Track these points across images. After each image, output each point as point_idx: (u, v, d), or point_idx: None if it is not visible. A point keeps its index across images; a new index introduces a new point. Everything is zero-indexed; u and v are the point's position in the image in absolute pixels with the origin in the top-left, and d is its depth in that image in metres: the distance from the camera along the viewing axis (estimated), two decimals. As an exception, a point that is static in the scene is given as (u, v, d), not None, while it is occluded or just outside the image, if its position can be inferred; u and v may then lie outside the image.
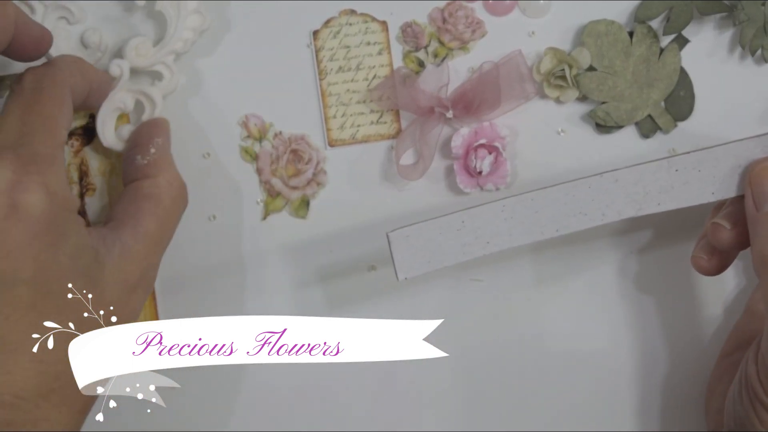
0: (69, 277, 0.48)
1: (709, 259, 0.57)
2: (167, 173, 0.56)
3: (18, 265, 0.47)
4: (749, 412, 0.53)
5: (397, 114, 0.62)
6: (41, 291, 0.47)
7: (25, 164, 0.48)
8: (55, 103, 0.52)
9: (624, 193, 0.54)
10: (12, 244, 0.46)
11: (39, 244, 0.47)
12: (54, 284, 0.48)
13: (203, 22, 0.60)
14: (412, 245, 0.54)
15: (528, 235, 0.54)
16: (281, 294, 0.63)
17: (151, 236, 0.54)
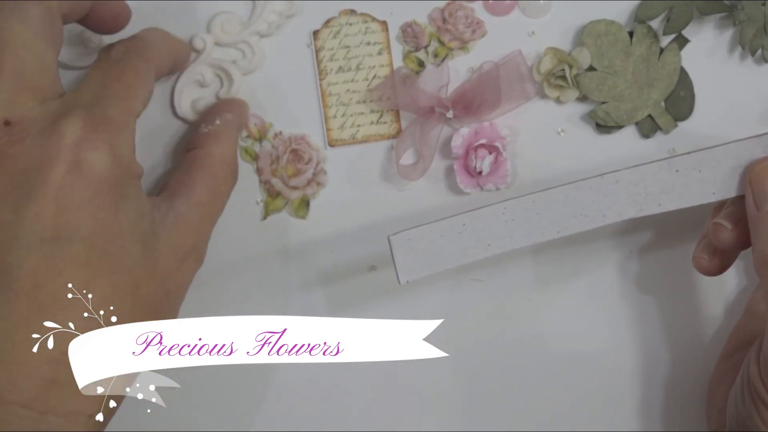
0: (125, 240, 0.48)
1: (711, 259, 0.57)
2: (223, 147, 0.57)
3: (76, 222, 0.47)
4: (751, 413, 0.53)
5: (397, 114, 0.62)
6: (97, 250, 0.47)
7: (96, 124, 0.48)
8: (138, 76, 0.52)
9: (625, 194, 0.54)
10: (72, 200, 0.47)
11: (99, 203, 0.47)
12: (110, 245, 0.48)
13: (290, 7, 0.61)
14: (413, 248, 0.54)
15: (529, 237, 0.54)
16: (281, 294, 0.63)
17: (204, 206, 0.54)
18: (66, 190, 0.46)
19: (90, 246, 0.47)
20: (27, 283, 0.46)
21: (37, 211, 0.46)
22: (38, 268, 0.46)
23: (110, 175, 0.48)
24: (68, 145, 0.47)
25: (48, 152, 0.47)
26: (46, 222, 0.46)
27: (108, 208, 0.48)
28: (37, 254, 0.46)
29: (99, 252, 0.47)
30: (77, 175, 0.47)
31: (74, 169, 0.47)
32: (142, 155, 0.60)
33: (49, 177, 0.46)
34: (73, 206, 0.47)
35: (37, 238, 0.46)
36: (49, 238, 0.46)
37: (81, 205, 0.47)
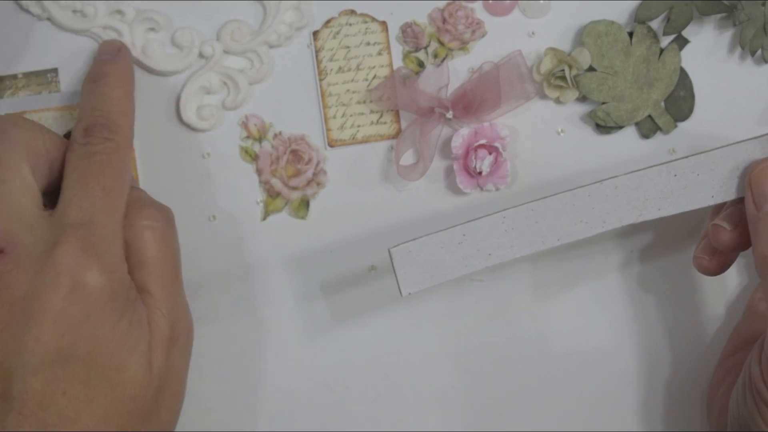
0: (123, 354, 0.49)
1: (710, 259, 0.57)
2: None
3: (75, 342, 0.48)
4: (753, 413, 0.53)
5: (397, 114, 0.62)
6: (96, 367, 0.48)
7: (86, 246, 0.49)
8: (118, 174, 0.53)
9: (624, 200, 0.54)
10: (70, 322, 0.48)
11: (96, 321, 0.49)
12: (108, 361, 0.49)
13: (300, 19, 0.61)
14: (414, 260, 0.54)
15: (529, 245, 0.54)
16: (281, 294, 0.63)
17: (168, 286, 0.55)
18: (64, 313, 0.48)
19: (89, 364, 0.48)
20: (33, 406, 0.47)
21: (37, 336, 0.47)
22: (43, 390, 0.47)
23: (105, 293, 0.49)
24: (63, 270, 0.48)
25: (44, 279, 0.48)
26: (47, 345, 0.47)
27: (104, 325, 0.49)
28: (40, 377, 0.47)
29: (98, 369, 0.49)
30: (74, 298, 0.48)
31: (70, 293, 0.48)
32: (146, 161, 0.61)
33: (47, 302, 0.48)
34: (71, 328, 0.48)
35: (40, 361, 0.47)
36: (50, 361, 0.47)
37: (79, 326, 0.48)
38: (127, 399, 0.49)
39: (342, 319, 0.63)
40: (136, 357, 0.50)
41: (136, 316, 0.51)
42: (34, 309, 0.47)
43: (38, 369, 0.47)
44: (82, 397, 0.48)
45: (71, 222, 0.50)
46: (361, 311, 0.63)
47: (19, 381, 0.47)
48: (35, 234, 0.50)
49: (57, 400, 0.47)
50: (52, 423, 0.47)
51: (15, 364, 0.47)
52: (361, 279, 0.63)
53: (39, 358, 0.47)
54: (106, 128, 0.54)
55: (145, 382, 0.50)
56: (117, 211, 0.52)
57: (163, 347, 0.52)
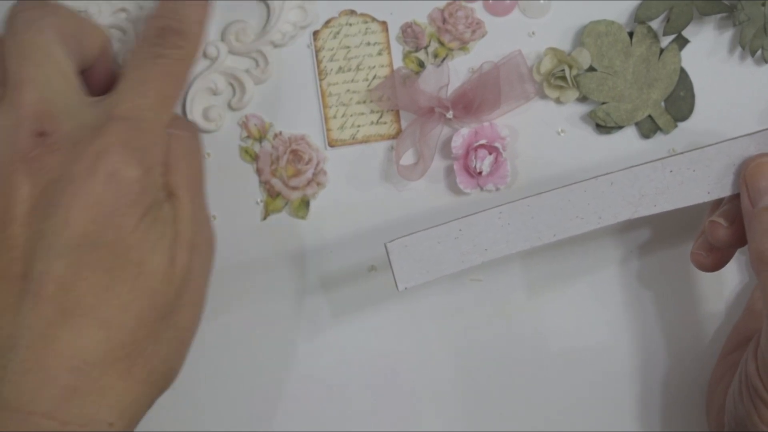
0: (147, 248, 0.49)
1: (708, 255, 0.57)
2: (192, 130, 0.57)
3: (102, 229, 0.48)
4: (750, 410, 0.53)
5: (397, 114, 0.62)
6: (120, 257, 0.48)
7: (129, 138, 0.49)
8: (175, 83, 0.53)
9: (620, 196, 0.54)
10: (101, 209, 0.48)
11: (125, 213, 0.48)
12: (132, 253, 0.49)
13: (305, 18, 0.62)
14: (410, 255, 0.54)
15: (526, 241, 0.54)
16: (281, 294, 0.63)
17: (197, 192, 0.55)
18: (96, 199, 0.48)
19: (113, 253, 0.48)
20: (53, 288, 0.47)
21: (66, 218, 0.47)
22: (64, 274, 0.47)
23: (137, 187, 0.49)
24: (102, 158, 0.48)
25: (81, 164, 0.48)
26: (74, 229, 0.47)
27: (132, 218, 0.49)
28: (64, 260, 0.47)
29: (121, 259, 0.48)
30: (107, 187, 0.48)
31: (105, 181, 0.48)
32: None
33: (81, 187, 0.48)
34: (100, 215, 0.48)
35: (65, 244, 0.47)
36: (75, 245, 0.47)
37: (108, 215, 0.48)
38: (148, 292, 0.49)
39: (342, 319, 0.63)
40: (159, 252, 0.50)
41: (162, 214, 0.51)
42: (67, 192, 0.47)
43: (63, 252, 0.47)
44: (102, 285, 0.48)
45: (120, 115, 0.50)
46: (360, 311, 0.63)
47: (42, 261, 0.47)
48: (77, 118, 0.50)
49: (77, 285, 0.47)
50: (69, 308, 0.47)
51: (40, 244, 0.47)
52: (360, 279, 0.63)
53: (65, 241, 0.47)
54: (180, 34, 0.53)
55: (166, 277, 0.50)
56: (165, 116, 0.52)
57: (186, 248, 0.52)
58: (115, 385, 0.48)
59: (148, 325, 0.49)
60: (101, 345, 0.48)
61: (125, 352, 0.49)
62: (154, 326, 0.50)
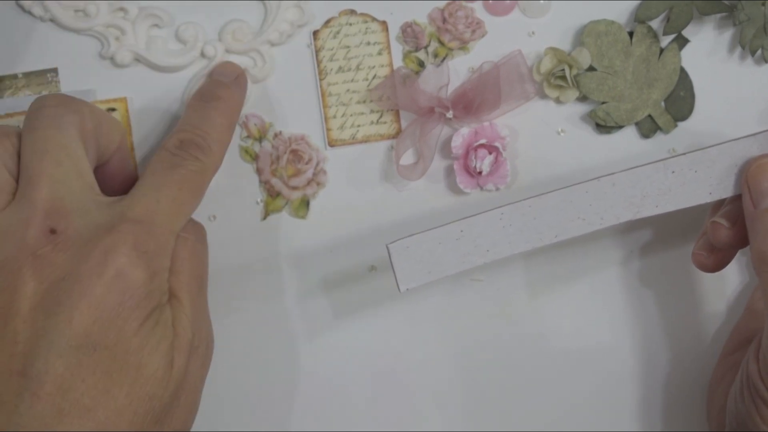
0: (146, 353, 0.49)
1: (709, 256, 0.57)
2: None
3: (104, 331, 0.48)
4: (751, 411, 0.53)
5: (397, 114, 0.62)
6: (119, 360, 0.48)
7: (140, 243, 0.49)
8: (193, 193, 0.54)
9: (622, 197, 0.54)
10: (104, 311, 0.48)
11: (128, 316, 0.48)
12: (132, 357, 0.49)
13: (302, 17, 0.61)
14: (412, 256, 0.54)
15: (527, 242, 0.54)
16: (281, 294, 0.63)
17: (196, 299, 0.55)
18: (100, 301, 0.48)
19: (113, 355, 0.48)
20: (50, 388, 0.47)
21: (69, 318, 0.47)
22: (63, 374, 0.47)
23: (143, 291, 0.49)
24: (109, 258, 0.48)
25: (89, 263, 0.48)
26: (77, 329, 0.47)
27: (134, 321, 0.49)
28: (64, 360, 0.47)
29: (121, 362, 0.48)
30: (113, 288, 0.48)
31: (111, 282, 0.48)
32: (147, 160, 0.61)
33: (88, 286, 0.48)
34: (103, 316, 0.48)
35: (66, 344, 0.47)
36: (76, 345, 0.47)
37: (111, 316, 0.48)
38: (144, 397, 0.49)
39: (342, 319, 0.63)
40: (158, 356, 0.50)
41: (163, 317, 0.51)
42: (74, 290, 0.47)
43: (63, 351, 0.47)
44: (100, 388, 0.48)
45: (133, 217, 0.50)
46: (361, 311, 0.63)
47: (42, 360, 0.47)
48: (89, 217, 0.50)
49: (76, 387, 0.47)
50: (66, 409, 0.47)
51: (41, 342, 0.47)
52: (361, 278, 0.63)
53: (66, 341, 0.47)
54: (200, 149, 0.55)
55: (164, 382, 0.50)
56: (177, 224, 0.53)
57: (184, 352, 0.52)
58: None
59: (142, 428, 0.49)
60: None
61: None
62: (149, 428, 0.50)
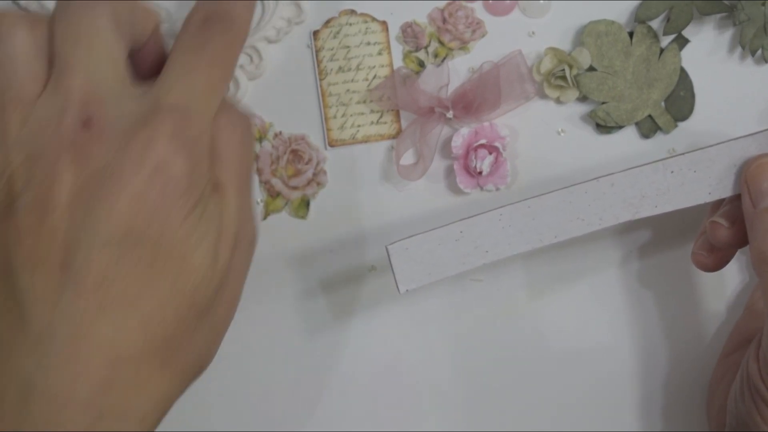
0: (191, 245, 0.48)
1: (709, 255, 0.57)
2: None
3: (147, 224, 0.47)
4: (751, 411, 0.53)
5: (397, 114, 0.62)
6: (162, 253, 0.47)
7: (178, 130, 0.47)
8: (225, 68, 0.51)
9: (621, 197, 0.54)
10: (146, 203, 0.46)
11: (171, 207, 0.47)
12: (175, 249, 0.48)
13: (299, 14, 0.62)
14: (411, 257, 0.54)
15: (527, 242, 0.54)
16: (281, 294, 0.63)
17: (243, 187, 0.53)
18: (142, 192, 0.46)
19: (157, 248, 0.47)
20: (93, 281, 0.46)
21: (110, 211, 0.46)
22: (107, 267, 0.46)
23: (185, 181, 0.47)
24: (150, 150, 0.47)
25: (128, 155, 0.46)
26: (118, 222, 0.46)
27: (178, 212, 0.47)
28: (107, 253, 0.46)
29: (165, 255, 0.47)
30: (154, 180, 0.47)
31: (152, 174, 0.46)
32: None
33: (127, 179, 0.46)
34: (146, 209, 0.46)
35: (108, 237, 0.46)
36: (119, 238, 0.46)
37: (154, 208, 0.47)
38: (189, 289, 0.48)
39: (342, 319, 0.63)
40: (203, 248, 0.49)
41: (209, 208, 0.49)
42: (113, 183, 0.46)
43: (105, 244, 0.46)
44: (144, 280, 0.47)
45: (169, 104, 0.48)
46: (361, 311, 0.63)
47: (84, 253, 0.46)
48: (124, 107, 0.48)
49: (118, 280, 0.46)
50: (108, 302, 0.46)
51: (83, 235, 0.46)
52: (361, 279, 0.63)
53: (108, 234, 0.46)
54: (225, 21, 0.52)
55: (208, 274, 0.49)
56: (214, 105, 0.50)
57: (229, 244, 0.50)
58: (149, 379, 0.48)
59: (185, 321, 0.48)
60: (139, 339, 0.47)
61: (161, 348, 0.48)
62: (192, 323, 0.49)
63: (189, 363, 0.50)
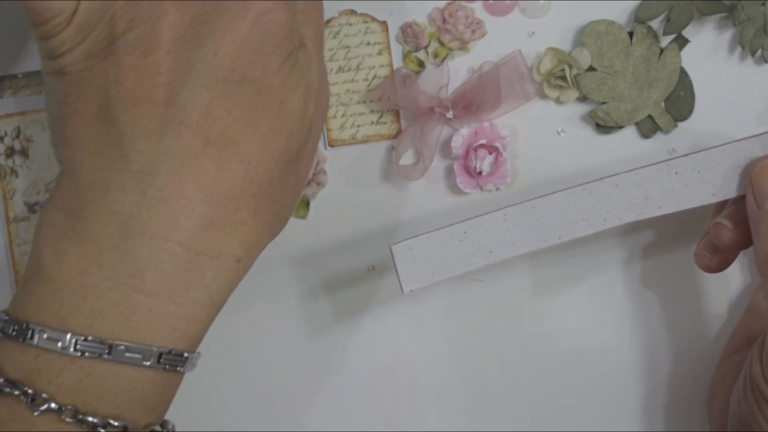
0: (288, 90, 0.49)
1: (712, 256, 0.57)
2: None
3: (250, 66, 0.48)
4: (754, 411, 0.53)
5: (397, 114, 0.62)
6: (263, 95, 0.48)
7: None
8: None
9: (625, 198, 0.54)
10: (250, 46, 0.48)
11: (272, 52, 0.48)
12: (275, 93, 0.49)
13: None
14: (415, 257, 0.54)
15: (531, 243, 0.54)
16: (281, 294, 0.63)
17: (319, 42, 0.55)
18: (245, 36, 0.47)
19: (258, 90, 0.48)
20: (197, 118, 0.47)
21: (216, 50, 0.47)
22: (210, 105, 0.47)
23: (285, 31, 0.49)
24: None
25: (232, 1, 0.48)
26: (223, 62, 0.47)
27: (278, 59, 0.49)
28: (210, 91, 0.47)
29: (265, 97, 0.48)
30: (257, 25, 0.48)
31: (256, 20, 0.47)
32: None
33: (232, 22, 0.47)
34: (248, 51, 0.47)
35: (213, 76, 0.47)
36: (223, 78, 0.47)
37: (256, 52, 0.48)
38: (285, 133, 0.49)
39: (342, 319, 0.63)
40: (298, 95, 0.50)
41: (300, 59, 0.50)
42: (218, 25, 0.47)
43: (210, 83, 0.47)
44: (245, 120, 0.48)
45: None
46: (361, 311, 0.63)
47: (189, 90, 0.47)
48: None
49: (222, 117, 0.47)
50: (212, 138, 0.47)
51: (188, 72, 0.47)
52: (361, 279, 0.63)
53: (213, 72, 0.47)
54: None
55: (301, 121, 0.50)
56: None
57: (314, 96, 0.52)
58: (246, 221, 0.49)
59: (281, 165, 0.49)
60: (239, 179, 0.48)
61: (259, 190, 0.49)
62: (285, 168, 0.50)
63: (278, 211, 0.51)
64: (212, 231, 0.47)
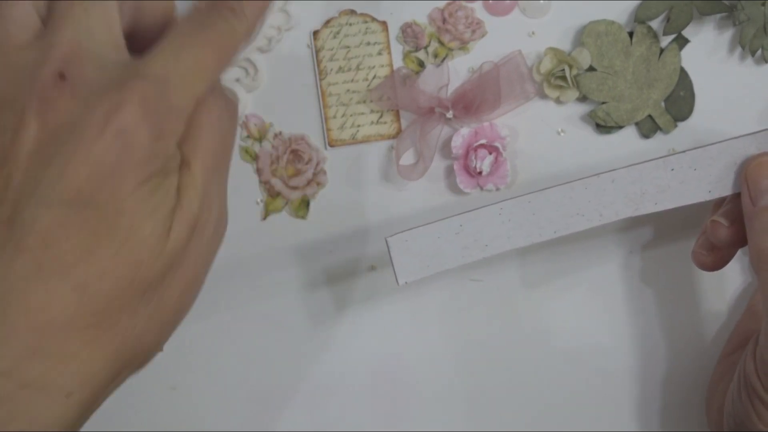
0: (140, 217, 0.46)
1: (709, 254, 0.57)
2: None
3: (97, 189, 0.45)
4: (748, 410, 0.53)
5: (397, 114, 0.62)
6: (108, 221, 0.45)
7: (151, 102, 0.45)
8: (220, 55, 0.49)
9: (621, 194, 0.54)
10: (100, 168, 0.45)
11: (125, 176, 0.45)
12: (123, 219, 0.46)
13: (288, 21, 0.61)
14: (411, 250, 0.54)
15: (526, 237, 0.54)
16: (281, 294, 0.63)
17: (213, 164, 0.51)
18: (97, 156, 0.45)
19: (103, 215, 0.45)
20: (35, 242, 0.44)
21: (63, 170, 0.44)
22: (49, 228, 0.44)
23: (146, 153, 0.45)
24: (114, 113, 0.45)
25: (93, 115, 0.45)
26: (68, 184, 0.44)
27: (132, 182, 0.46)
28: (51, 213, 0.44)
29: (110, 223, 0.45)
30: (113, 145, 0.45)
31: (112, 139, 0.45)
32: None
33: (86, 140, 0.45)
34: (99, 174, 0.45)
35: (57, 198, 0.45)
36: (66, 200, 0.45)
37: (107, 175, 0.45)
38: (131, 262, 0.46)
39: (342, 319, 0.63)
40: (153, 222, 0.46)
41: (166, 183, 0.47)
42: (72, 142, 0.44)
43: (52, 204, 0.44)
44: (84, 247, 0.45)
45: (147, 74, 0.46)
46: (361, 311, 0.63)
47: (31, 210, 0.44)
48: (104, 71, 0.46)
49: (60, 243, 0.44)
50: (47, 264, 0.44)
51: (33, 192, 0.44)
52: (361, 278, 0.63)
53: (57, 194, 0.44)
54: (233, 12, 0.50)
55: (156, 250, 0.47)
56: (199, 86, 0.48)
57: (186, 223, 0.48)
58: (79, 352, 0.46)
59: (125, 296, 0.46)
60: (71, 308, 0.45)
61: (95, 320, 0.46)
62: (133, 300, 0.47)
63: (127, 345, 0.48)
64: (37, 361, 0.45)
